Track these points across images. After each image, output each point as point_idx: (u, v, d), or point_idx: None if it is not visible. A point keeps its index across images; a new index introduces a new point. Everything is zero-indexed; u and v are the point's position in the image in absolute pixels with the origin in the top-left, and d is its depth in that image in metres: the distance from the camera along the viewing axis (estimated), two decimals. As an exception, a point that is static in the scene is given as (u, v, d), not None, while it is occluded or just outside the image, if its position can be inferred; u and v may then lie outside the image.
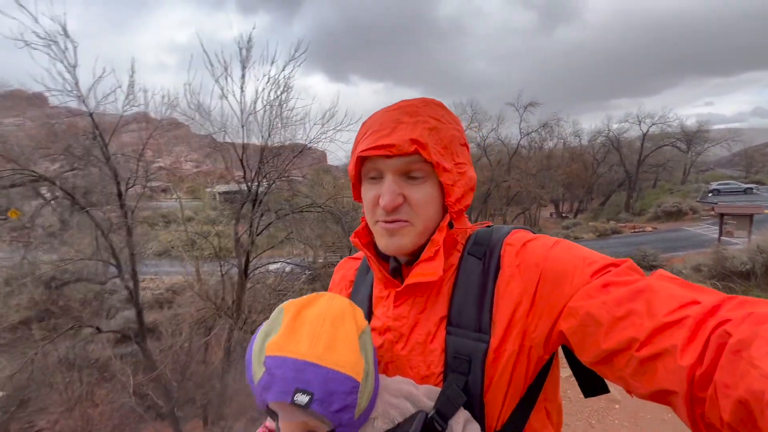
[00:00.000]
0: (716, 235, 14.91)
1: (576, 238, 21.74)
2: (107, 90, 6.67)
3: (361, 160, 0.68)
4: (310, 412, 0.54)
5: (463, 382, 0.62)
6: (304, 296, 0.63)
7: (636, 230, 22.72)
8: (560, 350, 0.67)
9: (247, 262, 6.65)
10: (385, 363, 0.71)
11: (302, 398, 0.53)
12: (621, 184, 34.40)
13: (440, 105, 0.71)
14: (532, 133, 30.95)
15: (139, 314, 6.97)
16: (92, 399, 7.49)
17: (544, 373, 0.65)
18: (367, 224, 0.75)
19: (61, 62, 5.96)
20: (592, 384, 0.67)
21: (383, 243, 0.69)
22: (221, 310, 6.46)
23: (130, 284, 6.88)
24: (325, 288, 0.86)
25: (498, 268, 0.66)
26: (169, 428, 7.00)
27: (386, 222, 0.67)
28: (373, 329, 0.73)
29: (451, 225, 0.69)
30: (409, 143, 0.63)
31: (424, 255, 0.66)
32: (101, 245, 6.95)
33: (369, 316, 0.76)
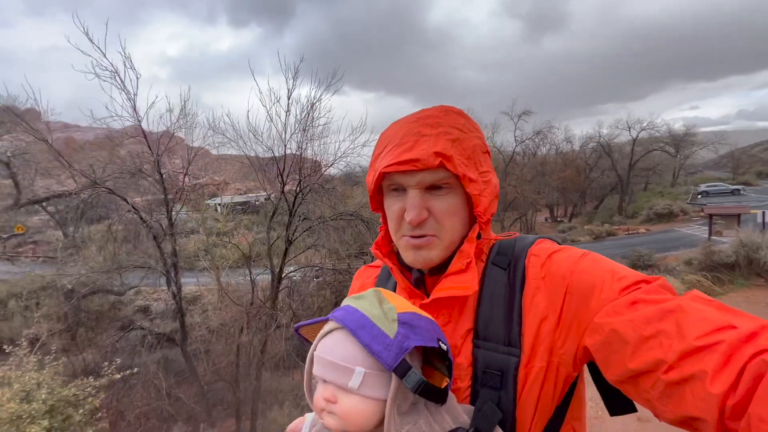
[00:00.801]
0: (706, 235, 15.70)
1: (573, 241, 22.48)
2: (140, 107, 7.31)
3: (382, 174, 0.66)
4: (437, 364, 0.61)
5: (496, 397, 0.60)
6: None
7: (630, 232, 23.51)
8: (585, 367, 0.65)
9: (282, 266, 7.18)
10: None
11: (444, 345, 0.57)
12: (613, 188, 35.38)
13: (460, 113, 0.69)
14: (527, 141, 31.96)
15: (182, 319, 7.48)
16: (131, 401, 7.91)
17: (572, 391, 0.63)
18: (386, 233, 0.74)
19: (122, 91, 6.61)
20: (618, 402, 0.64)
21: (410, 257, 0.68)
22: (260, 311, 6.98)
23: (174, 290, 7.40)
24: (337, 294, 0.98)
25: (524, 279, 0.64)
26: (207, 429, 7.44)
27: (412, 237, 0.66)
28: None
29: (479, 236, 0.68)
30: (433, 157, 0.61)
31: (453, 267, 0.65)
32: (152, 255, 7.49)
33: None
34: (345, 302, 0.63)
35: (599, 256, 0.63)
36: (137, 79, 6.79)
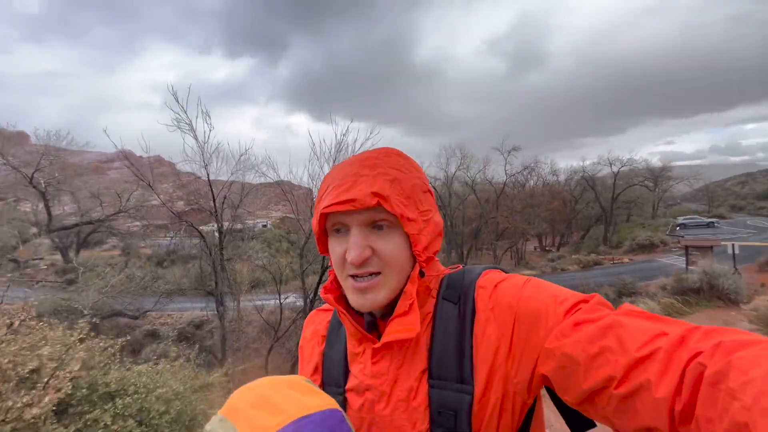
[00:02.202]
0: (684, 265, 17.11)
1: (563, 270, 23.76)
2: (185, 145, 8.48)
3: (325, 215, 0.66)
4: None
5: None
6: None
7: (615, 262, 24.93)
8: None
9: (316, 292, 8.09)
10: (367, 425, 0.67)
11: None
12: (598, 219, 37.28)
13: (400, 154, 0.71)
14: (516, 174, 33.92)
15: (224, 339, 8.26)
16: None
17: (530, 415, 0.64)
18: (336, 278, 0.71)
19: (196, 139, 7.84)
20: (578, 420, 0.64)
21: (356, 301, 0.66)
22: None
23: (221, 311, 8.25)
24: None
25: (473, 312, 0.64)
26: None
27: (356, 278, 0.65)
28: (351, 389, 0.70)
29: (422, 274, 0.67)
30: (370, 197, 0.61)
31: (398, 310, 0.64)
32: (206, 278, 8.43)
33: (345, 373, 0.72)
34: None
35: (541, 281, 0.65)
36: (210, 131, 8.06)
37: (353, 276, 0.65)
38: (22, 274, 14.42)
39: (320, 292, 0.74)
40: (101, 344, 3.56)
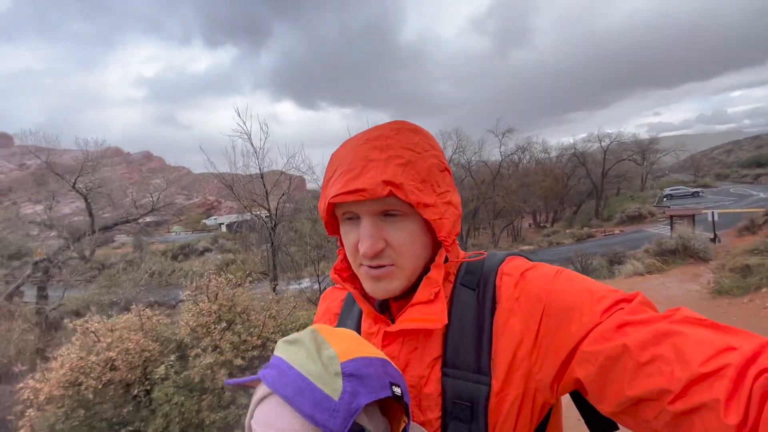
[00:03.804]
0: (669, 233, 18.71)
1: (558, 244, 25.28)
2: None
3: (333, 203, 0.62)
4: (396, 407, 0.55)
5: (466, 430, 0.57)
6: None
7: (606, 234, 26.52)
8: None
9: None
10: None
11: (397, 389, 0.52)
12: (589, 194, 38.85)
13: (414, 129, 0.65)
14: (512, 156, 35.25)
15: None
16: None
17: (549, 416, 0.61)
18: (345, 257, 0.69)
19: (252, 145, 9.33)
20: (600, 421, 0.61)
21: (370, 288, 0.64)
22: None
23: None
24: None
25: (494, 299, 0.61)
26: None
27: (371, 267, 0.62)
28: None
29: (446, 259, 0.64)
30: (382, 186, 0.56)
31: (420, 296, 0.61)
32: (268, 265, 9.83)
33: None
34: (279, 348, 0.56)
35: (574, 273, 0.61)
36: (265, 139, 9.75)
37: (367, 264, 0.62)
38: (51, 273, 15.44)
39: (330, 272, 0.73)
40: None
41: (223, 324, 3.31)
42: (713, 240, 13.39)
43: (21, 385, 2.95)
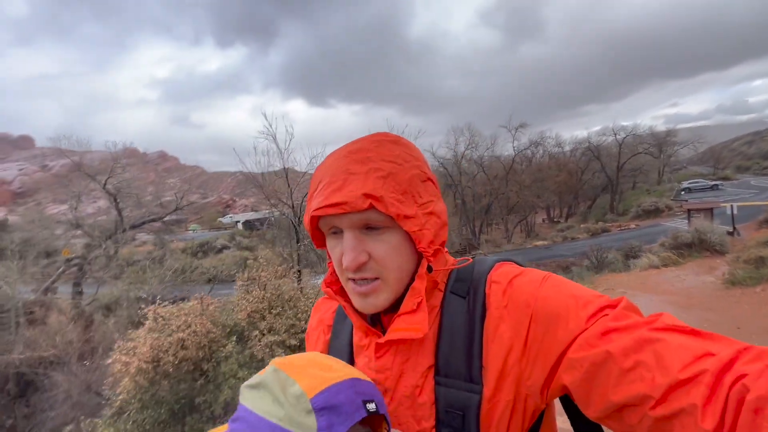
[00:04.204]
0: (687, 227, 18.58)
1: (572, 239, 25.26)
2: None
3: (317, 216, 0.62)
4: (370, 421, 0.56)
5: None
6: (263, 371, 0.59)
7: (622, 228, 26.36)
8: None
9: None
10: None
11: (371, 405, 0.53)
12: (604, 188, 38.43)
13: (395, 141, 0.66)
14: (525, 151, 35.11)
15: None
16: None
17: (540, 420, 0.62)
18: (335, 271, 0.69)
19: (277, 146, 9.84)
20: (586, 425, 0.64)
21: (358, 304, 0.65)
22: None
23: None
24: None
25: (484, 307, 0.62)
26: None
27: (355, 282, 0.63)
28: None
29: (430, 269, 0.64)
30: (362, 199, 0.57)
31: (405, 307, 0.62)
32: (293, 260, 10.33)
33: (350, 365, 0.67)
34: (243, 394, 0.55)
35: (560, 279, 0.62)
36: (290, 140, 10.42)
37: (353, 279, 0.63)
38: (85, 270, 16.15)
39: (321, 285, 0.74)
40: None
41: (278, 309, 3.73)
42: (732, 233, 13.34)
43: (112, 359, 3.43)
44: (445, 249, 0.70)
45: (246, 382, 0.56)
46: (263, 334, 3.60)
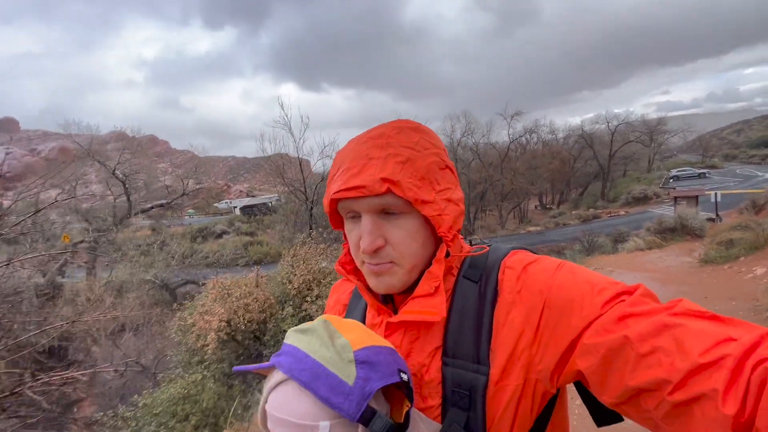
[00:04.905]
0: (673, 214, 19.48)
1: (564, 225, 26.10)
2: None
3: (336, 199, 0.64)
4: (399, 393, 0.59)
5: (464, 418, 0.58)
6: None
7: (612, 215, 27.21)
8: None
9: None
10: None
11: (404, 376, 0.56)
12: (596, 176, 39.32)
13: (415, 128, 0.67)
14: (520, 138, 35.75)
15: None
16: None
17: (551, 406, 0.62)
18: (349, 251, 0.72)
19: (292, 136, 10.29)
20: (604, 412, 0.63)
21: (372, 283, 0.67)
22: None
23: None
24: None
25: (496, 292, 0.62)
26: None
27: (372, 264, 0.65)
28: None
29: (447, 254, 0.66)
30: (380, 183, 0.59)
31: (421, 290, 0.64)
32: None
33: None
34: (289, 337, 0.60)
35: (576, 266, 0.62)
36: (304, 129, 11.05)
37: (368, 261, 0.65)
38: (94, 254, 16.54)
39: (335, 265, 0.76)
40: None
41: (326, 280, 4.38)
42: (714, 220, 14.16)
43: (192, 319, 4.06)
44: (461, 236, 0.73)
45: (294, 328, 0.60)
46: (314, 300, 4.31)
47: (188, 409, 3.52)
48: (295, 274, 4.68)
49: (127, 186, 14.21)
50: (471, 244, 0.73)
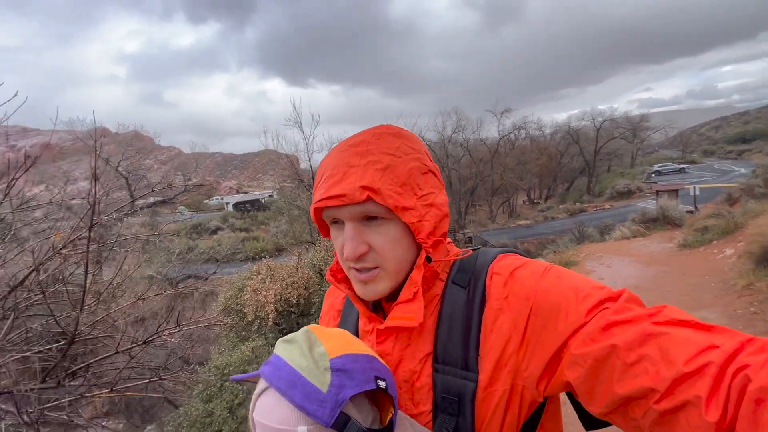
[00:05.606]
0: (654, 207, 20.57)
1: (552, 218, 27.05)
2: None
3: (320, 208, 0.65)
4: (388, 399, 0.59)
5: (453, 423, 0.60)
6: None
7: (597, 208, 28.27)
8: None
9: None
10: None
11: (382, 383, 0.56)
12: (581, 171, 40.54)
13: (396, 134, 0.67)
14: (510, 134, 36.66)
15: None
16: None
17: (539, 414, 0.63)
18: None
19: (302, 133, 10.72)
20: (593, 417, 0.61)
21: (359, 290, 0.68)
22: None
23: None
24: None
25: (483, 298, 0.63)
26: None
27: (357, 271, 0.66)
28: None
29: (429, 259, 0.66)
30: (360, 191, 0.60)
31: (402, 296, 0.65)
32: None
33: None
34: (276, 347, 0.62)
35: (563, 270, 0.62)
36: (315, 126, 11.45)
37: (355, 268, 0.66)
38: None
39: (326, 274, 0.77)
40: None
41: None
42: (692, 212, 15.17)
43: (248, 294, 4.61)
44: (448, 240, 0.73)
45: (282, 338, 0.63)
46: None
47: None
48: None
49: (130, 183, 14.44)
50: (465, 237, 1.09)
